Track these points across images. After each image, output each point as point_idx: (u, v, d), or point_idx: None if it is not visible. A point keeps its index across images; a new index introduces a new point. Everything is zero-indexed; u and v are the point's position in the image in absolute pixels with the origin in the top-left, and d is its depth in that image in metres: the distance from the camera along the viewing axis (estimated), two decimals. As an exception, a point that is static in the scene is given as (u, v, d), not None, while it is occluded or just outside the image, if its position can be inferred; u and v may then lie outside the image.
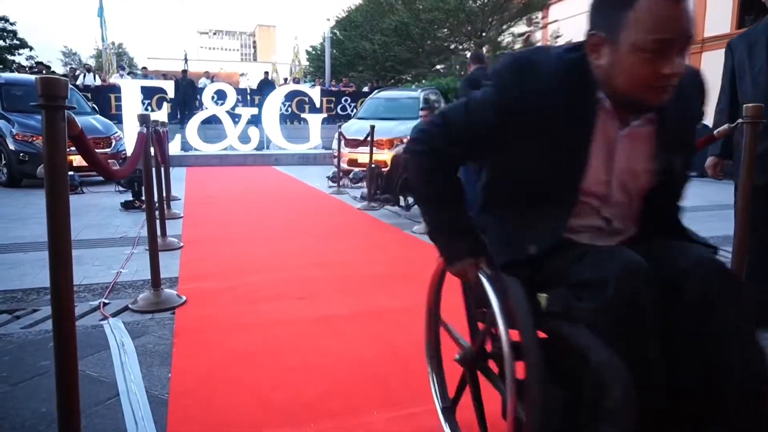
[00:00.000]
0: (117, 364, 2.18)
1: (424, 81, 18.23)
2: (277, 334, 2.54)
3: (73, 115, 1.37)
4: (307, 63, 31.25)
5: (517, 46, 22.79)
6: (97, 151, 1.93)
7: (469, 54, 21.81)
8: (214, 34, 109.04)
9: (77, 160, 8.02)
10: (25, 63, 25.76)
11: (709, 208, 7.14)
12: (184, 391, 1.96)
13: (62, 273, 1.36)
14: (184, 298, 3.02)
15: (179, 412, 1.81)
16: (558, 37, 22.10)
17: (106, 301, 3.00)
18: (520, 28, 23.24)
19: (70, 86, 8.00)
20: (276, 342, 2.45)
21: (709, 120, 2.30)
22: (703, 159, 2.80)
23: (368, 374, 2.13)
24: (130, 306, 2.91)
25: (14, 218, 5.49)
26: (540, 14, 23.84)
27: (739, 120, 2.11)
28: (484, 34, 20.80)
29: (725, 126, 2.31)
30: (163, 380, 2.06)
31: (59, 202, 1.31)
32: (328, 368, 2.18)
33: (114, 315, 2.79)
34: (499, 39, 21.20)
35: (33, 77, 11.02)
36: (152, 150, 3.41)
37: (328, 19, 21.12)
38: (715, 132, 2.36)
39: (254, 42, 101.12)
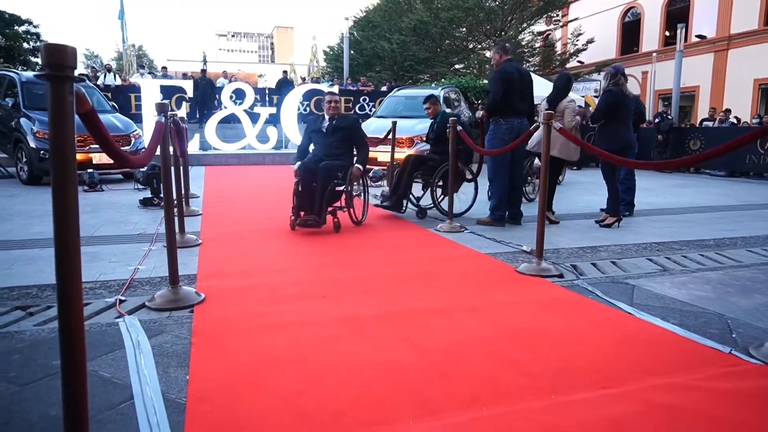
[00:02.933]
0: (132, 365, 2.04)
1: (443, 80, 17.99)
2: (301, 336, 2.38)
3: (83, 89, 1.22)
4: (325, 63, 31.19)
5: (537, 44, 22.49)
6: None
7: (489, 53, 21.52)
8: (233, 36, 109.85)
9: (97, 158, 8.02)
10: (47, 65, 26.11)
11: (742, 208, 6.85)
12: (203, 396, 1.81)
13: (68, 261, 1.21)
14: (203, 295, 2.89)
15: (198, 418, 1.67)
16: (579, 35, 21.73)
17: (123, 298, 2.88)
18: (540, 26, 22.91)
19: (92, 85, 7.97)
20: (300, 344, 2.29)
21: None
22: (731, 158, 2.60)
23: (400, 380, 1.96)
24: (147, 303, 2.79)
25: (33, 215, 5.44)
26: (560, 12, 23.47)
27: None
28: (503, 32, 20.52)
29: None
30: (180, 383, 1.92)
31: (66, 182, 1.17)
32: (357, 373, 2.02)
33: (130, 313, 2.66)
34: (519, 38, 20.89)
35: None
36: (171, 144, 3.29)
37: (347, 19, 20.98)
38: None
39: (272, 44, 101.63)
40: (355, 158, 5.06)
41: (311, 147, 5.22)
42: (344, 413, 1.71)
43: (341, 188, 4.88)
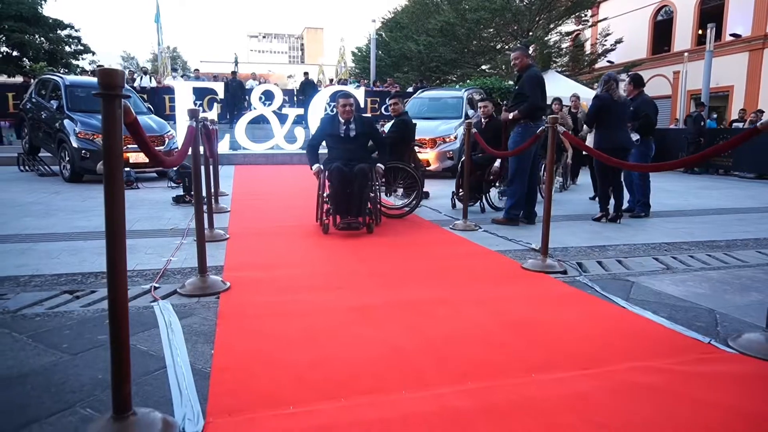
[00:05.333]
0: (165, 341, 2.33)
1: (468, 81, 18.10)
2: (314, 321, 2.63)
3: (128, 104, 1.49)
4: (353, 64, 31.59)
5: (565, 45, 22.34)
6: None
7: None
8: (264, 37, 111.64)
9: (133, 157, 8.47)
10: (88, 67, 27.16)
11: (765, 210, 6.83)
12: (226, 367, 2.08)
13: (116, 248, 1.48)
14: (228, 284, 3.17)
15: (220, 384, 1.93)
16: (608, 35, 21.51)
17: (157, 285, 3.19)
18: (568, 26, 22.74)
19: (128, 87, 8.45)
20: (313, 328, 2.54)
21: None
22: (760, 160, 2.73)
23: (400, 359, 2.19)
24: (178, 290, 3.09)
25: (77, 210, 5.85)
26: (589, 12, 23.25)
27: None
28: (531, 33, 20.48)
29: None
30: (206, 356, 2.19)
31: (115, 180, 1.44)
32: (362, 353, 2.26)
33: (163, 298, 2.96)
34: (546, 38, 20.82)
35: (94, 80, 11.67)
36: (201, 145, 3.59)
37: (374, 21, 21.28)
38: (758, 125, 2.30)
39: (302, 44, 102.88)
40: (375, 155, 5.21)
41: (324, 148, 5.23)
42: (347, 384, 1.95)
43: (373, 194, 4.98)
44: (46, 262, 3.67)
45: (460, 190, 6.27)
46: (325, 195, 4.86)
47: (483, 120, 6.32)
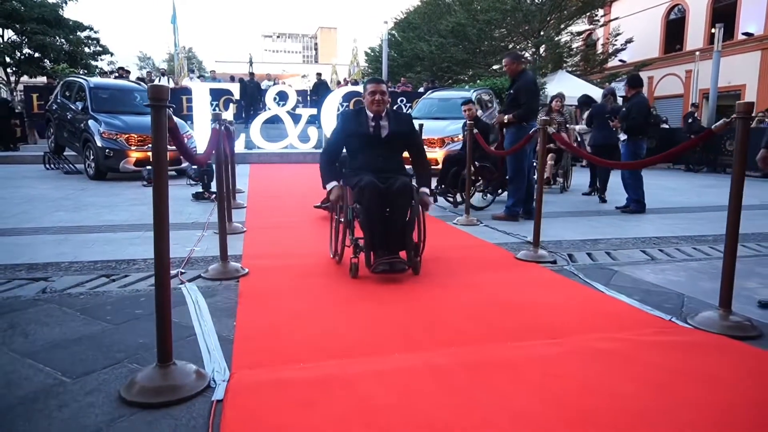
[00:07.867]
0: (193, 315, 2.69)
1: (479, 81, 18.36)
2: (321, 299, 2.99)
3: (171, 113, 1.85)
4: (366, 64, 31.95)
5: (576, 44, 22.47)
6: (170, 147, 2.32)
7: (528, 54, 21.70)
8: (278, 37, 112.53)
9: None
10: (106, 68, 27.85)
11: (761, 208, 7.05)
12: (246, 335, 2.44)
13: (161, 236, 1.83)
14: (247, 270, 3.53)
15: (242, 347, 2.29)
16: (618, 35, 21.62)
17: (183, 270, 3.56)
18: (580, 26, 22.85)
19: (145, 87, 8.96)
20: (320, 305, 2.90)
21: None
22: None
23: (396, 329, 2.53)
24: (202, 275, 3.46)
25: (104, 206, 6.27)
26: (601, 11, 23.34)
27: None
28: (542, 33, 20.66)
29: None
30: (229, 327, 2.55)
31: (161, 177, 1.80)
32: (363, 323, 2.61)
33: (189, 281, 3.33)
34: (557, 38, 20.98)
35: (117, 82, 12.18)
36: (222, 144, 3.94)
37: (386, 22, 21.62)
38: (713, 126, 2.59)
39: (316, 44, 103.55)
40: (414, 175, 3.86)
41: (343, 152, 3.93)
42: (352, 348, 2.30)
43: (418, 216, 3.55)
44: (82, 250, 4.06)
45: (441, 186, 6.55)
46: (350, 218, 3.52)
47: (468, 122, 6.30)
